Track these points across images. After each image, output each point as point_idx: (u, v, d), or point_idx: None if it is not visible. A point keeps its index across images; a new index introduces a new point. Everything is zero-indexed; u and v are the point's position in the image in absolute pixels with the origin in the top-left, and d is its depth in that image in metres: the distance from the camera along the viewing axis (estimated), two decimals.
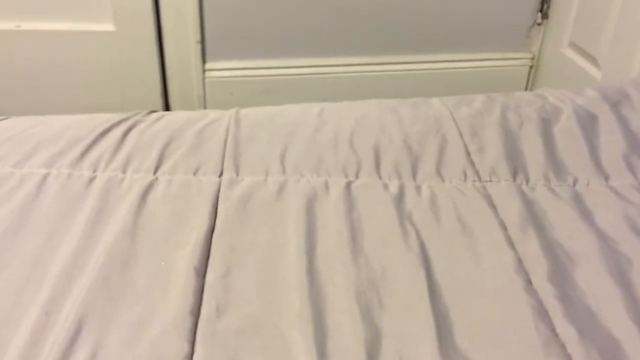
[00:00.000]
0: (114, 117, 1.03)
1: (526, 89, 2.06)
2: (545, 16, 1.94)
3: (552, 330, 0.70)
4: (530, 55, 2.02)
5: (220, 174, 0.93)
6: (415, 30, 1.95)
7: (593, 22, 1.72)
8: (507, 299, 0.74)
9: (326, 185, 0.90)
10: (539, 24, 1.96)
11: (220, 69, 1.98)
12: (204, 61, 1.96)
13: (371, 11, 1.91)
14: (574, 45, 1.83)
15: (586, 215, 0.86)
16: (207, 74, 1.98)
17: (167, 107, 2.03)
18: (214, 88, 2.00)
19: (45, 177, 0.89)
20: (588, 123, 1.02)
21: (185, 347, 0.66)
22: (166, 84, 2.00)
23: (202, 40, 1.93)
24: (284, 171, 0.93)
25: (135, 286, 0.74)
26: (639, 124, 1.01)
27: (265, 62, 1.98)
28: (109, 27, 1.88)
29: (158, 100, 2.00)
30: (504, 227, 0.83)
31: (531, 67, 2.03)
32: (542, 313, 0.72)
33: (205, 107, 2.03)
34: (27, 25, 1.87)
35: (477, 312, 0.72)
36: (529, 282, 0.76)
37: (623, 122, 1.02)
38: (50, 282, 0.74)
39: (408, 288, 0.74)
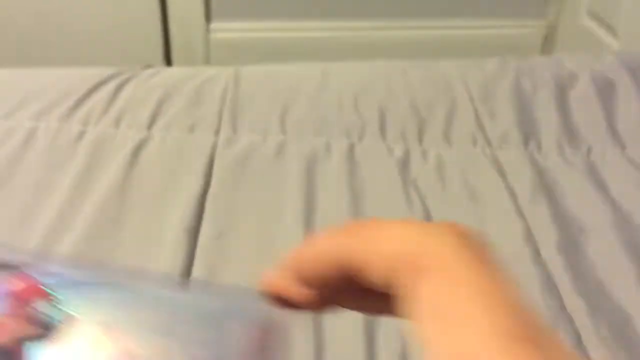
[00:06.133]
0: (107, 71, 0.98)
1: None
2: None
3: (561, 303, 0.66)
4: (545, 24, 1.95)
5: (217, 132, 0.88)
6: None
7: None
8: (514, 269, 0.69)
9: (328, 147, 0.86)
10: None
11: (226, 29, 1.92)
12: (208, 21, 1.91)
13: None
14: (592, 14, 1.76)
15: (600, 185, 0.81)
16: (212, 34, 1.92)
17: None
18: (218, 49, 1.94)
19: (34, 130, 0.85)
20: (605, 89, 0.97)
21: None
22: (169, 43, 1.95)
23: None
24: (283, 131, 0.89)
25: (124, 245, 0.70)
26: None
27: (272, 24, 1.92)
28: None
29: (160, 60, 1.95)
30: (513, 195, 0.79)
31: (546, 36, 1.96)
32: (550, 285, 0.68)
33: None
34: None
35: None
36: (537, 252, 0.72)
37: None
38: (37, 236, 0.71)
39: None
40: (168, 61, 1.97)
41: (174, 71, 1.01)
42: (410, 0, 1.90)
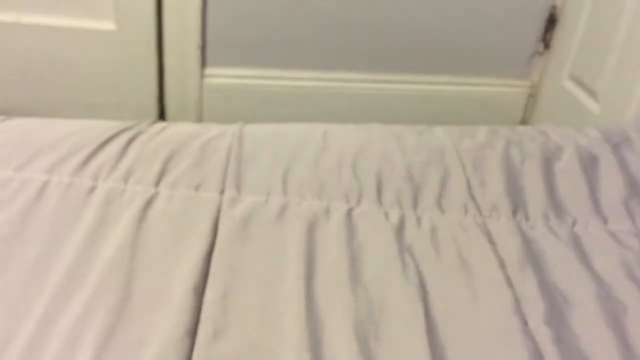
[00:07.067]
0: (117, 125, 1.02)
1: (523, 117, 2.08)
2: (547, 46, 1.96)
3: None
4: (529, 84, 2.03)
5: (222, 191, 0.92)
6: (418, 50, 1.96)
7: (595, 56, 1.73)
8: (503, 340, 0.74)
9: (327, 211, 0.90)
10: (540, 53, 1.98)
11: (220, 75, 1.98)
12: (203, 66, 1.96)
13: (375, 28, 1.92)
14: (574, 77, 1.84)
15: (584, 258, 0.86)
16: (206, 79, 1.97)
17: (162, 111, 2.02)
18: (211, 94, 1.99)
19: (46, 183, 0.88)
20: (589, 164, 1.03)
21: None
22: (163, 87, 1.99)
23: (203, 45, 1.92)
24: (285, 192, 0.93)
25: (134, 303, 0.73)
26: (638, 167, 1.02)
27: (265, 72, 1.98)
28: (110, 25, 1.87)
29: (153, 103, 1.99)
30: (503, 265, 0.84)
31: (530, 95, 2.04)
32: (537, 356, 0.72)
33: (201, 113, 2.02)
34: (27, 18, 1.85)
35: (473, 352, 0.72)
36: (525, 323, 0.76)
37: (623, 164, 1.03)
38: (48, 293, 0.73)
39: (405, 322, 0.74)
40: (161, 103, 2.01)
41: (181, 127, 1.05)
42: (400, 55, 1.97)
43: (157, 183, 0.92)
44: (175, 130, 1.04)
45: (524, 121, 2.08)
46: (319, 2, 1.87)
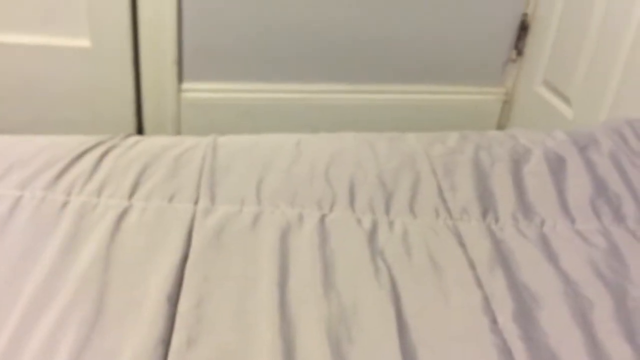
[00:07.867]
0: (90, 140, 1.03)
1: (499, 123, 2.10)
2: (520, 53, 1.99)
3: None
4: (503, 91, 2.06)
5: (196, 202, 0.93)
6: (394, 61, 1.99)
7: (566, 62, 1.76)
8: (473, 339, 0.75)
9: (300, 218, 0.91)
10: (513, 61, 2.01)
11: (197, 90, 1.99)
12: (180, 81, 1.97)
13: (350, 40, 1.94)
14: (547, 83, 1.87)
15: (552, 257, 0.88)
16: (183, 94, 1.98)
17: (140, 126, 2.03)
18: (189, 109, 2.00)
19: (19, 198, 0.89)
20: (557, 166, 1.05)
21: None
22: (140, 102, 2.00)
23: (180, 60, 1.94)
24: (259, 202, 0.94)
25: (107, 314, 0.74)
26: (605, 168, 1.05)
27: (243, 85, 1.99)
28: (85, 42, 1.88)
29: (131, 119, 2.00)
30: (473, 266, 0.85)
31: (504, 102, 2.07)
32: (506, 353, 0.73)
33: (179, 128, 2.03)
34: (2, 37, 1.86)
35: (444, 352, 0.73)
36: (494, 322, 0.77)
37: (590, 166, 1.05)
38: (21, 306, 0.74)
39: (377, 325, 0.76)
40: (139, 119, 2.02)
41: (154, 140, 1.06)
42: (377, 66, 1.99)
43: (131, 196, 0.93)
44: (148, 143, 1.05)
45: (499, 128, 2.11)
46: (294, 15, 1.89)
